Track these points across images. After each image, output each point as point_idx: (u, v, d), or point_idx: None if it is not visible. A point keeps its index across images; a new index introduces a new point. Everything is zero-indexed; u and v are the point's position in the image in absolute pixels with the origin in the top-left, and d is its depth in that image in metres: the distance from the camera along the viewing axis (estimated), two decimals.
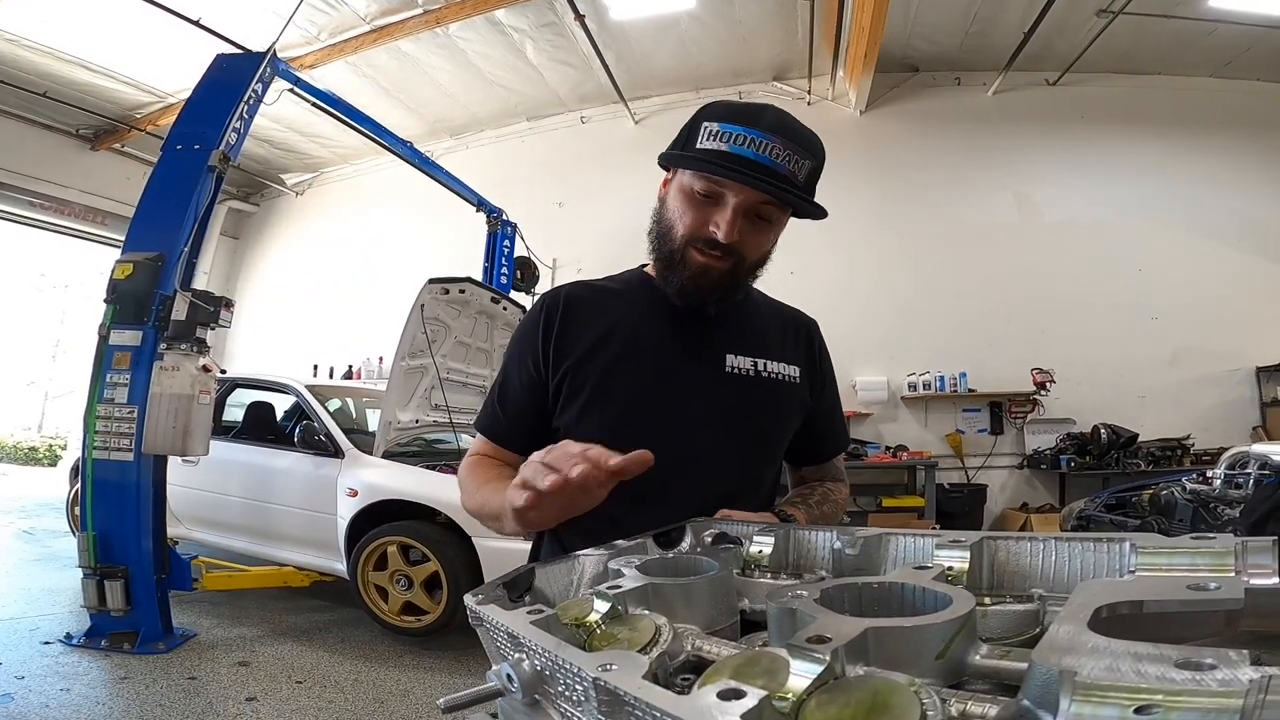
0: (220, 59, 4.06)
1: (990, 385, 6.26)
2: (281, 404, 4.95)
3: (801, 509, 1.02)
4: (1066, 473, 5.86)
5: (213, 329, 3.47)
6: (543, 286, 7.14)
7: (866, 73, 6.29)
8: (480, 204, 6.29)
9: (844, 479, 1.20)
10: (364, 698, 3.04)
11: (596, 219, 7.86)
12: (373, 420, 4.95)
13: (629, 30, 6.47)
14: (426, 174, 5.85)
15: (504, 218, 6.45)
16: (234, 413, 4.88)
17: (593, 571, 0.61)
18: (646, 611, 0.49)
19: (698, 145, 0.91)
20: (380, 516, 3.82)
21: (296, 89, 4.39)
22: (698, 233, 0.93)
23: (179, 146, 3.70)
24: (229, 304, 3.53)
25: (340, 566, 3.96)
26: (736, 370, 1.03)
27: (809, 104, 7.24)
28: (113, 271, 3.37)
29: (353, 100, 5.57)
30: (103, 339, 3.31)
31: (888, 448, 6.29)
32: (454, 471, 4.00)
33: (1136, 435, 5.67)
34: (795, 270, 6.97)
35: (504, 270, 6.41)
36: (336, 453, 4.09)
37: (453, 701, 0.47)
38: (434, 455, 4.56)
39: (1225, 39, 6.02)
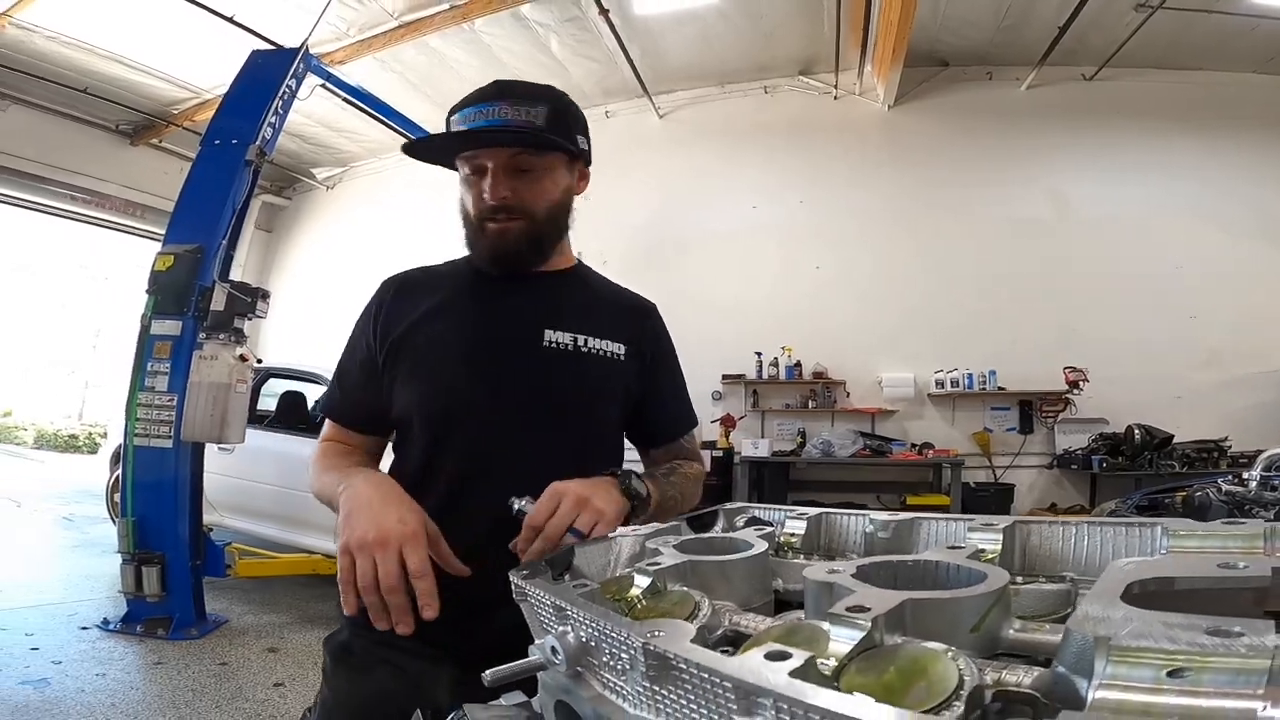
0: (255, 55, 4.14)
1: (1020, 383, 6.17)
2: (313, 394, 5.05)
3: (647, 480, 0.98)
4: (1098, 473, 5.75)
5: (250, 320, 3.56)
6: None
7: (895, 67, 6.21)
8: None
9: (697, 458, 1.21)
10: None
11: (622, 213, 7.85)
12: None
13: (653, 24, 6.47)
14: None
15: None
16: (266, 402, 4.99)
17: (629, 552, 0.64)
18: (685, 588, 0.51)
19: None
20: None
21: (328, 84, 4.48)
22: (480, 207, 1.00)
23: (217, 141, 3.80)
24: (265, 295, 3.62)
25: None
26: (555, 345, 1.02)
27: (836, 98, 7.17)
28: (154, 263, 3.47)
29: (381, 95, 5.65)
30: (144, 329, 3.41)
31: (913, 445, 6.23)
32: None
33: (1171, 436, 5.54)
34: (821, 266, 6.96)
35: None
36: None
37: (497, 675, 0.50)
38: None
39: (1268, 34, 5.83)
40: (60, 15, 7.05)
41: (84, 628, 3.54)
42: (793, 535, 0.65)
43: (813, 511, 0.67)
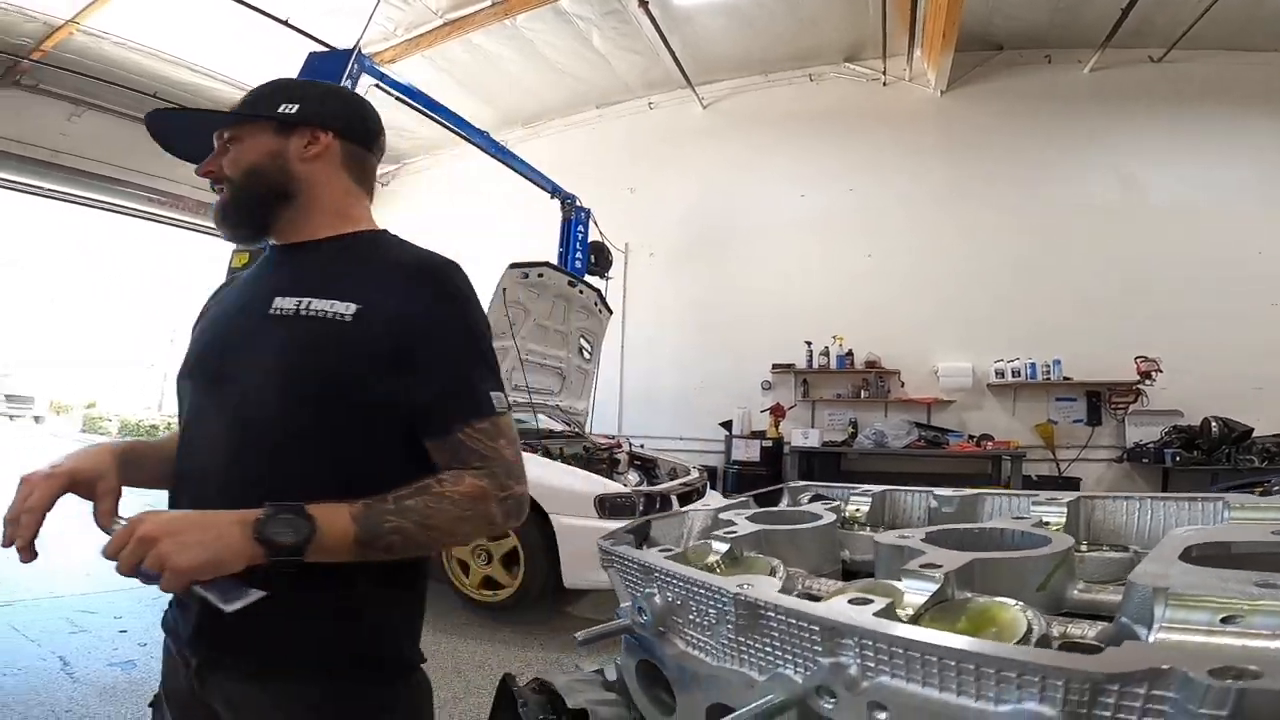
0: (312, 57, 4.27)
1: (1087, 373, 5.94)
2: None
3: (362, 504, 0.81)
4: (1171, 468, 5.49)
5: None
6: (616, 270, 7.25)
7: (946, 52, 6.04)
8: (554, 190, 6.40)
9: (482, 466, 0.88)
10: (443, 667, 3.13)
11: (667, 204, 7.89)
12: None
13: (693, 14, 6.44)
14: (503, 162, 6.00)
15: (577, 204, 6.54)
16: None
17: (701, 524, 0.68)
18: (759, 554, 0.55)
19: None
20: None
21: (381, 84, 4.58)
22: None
23: None
24: None
25: None
26: (280, 312, 0.91)
27: (885, 84, 7.01)
28: (230, 260, 3.66)
29: (430, 93, 5.78)
30: None
31: (971, 436, 6.09)
32: (534, 450, 4.16)
33: (1251, 430, 5.26)
34: (873, 254, 6.84)
35: (578, 255, 6.47)
36: None
37: (589, 635, 0.55)
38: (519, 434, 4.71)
39: None
40: (126, 21, 7.33)
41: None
42: (858, 510, 0.68)
43: (876, 488, 0.70)
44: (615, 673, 0.66)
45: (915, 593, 0.39)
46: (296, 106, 0.97)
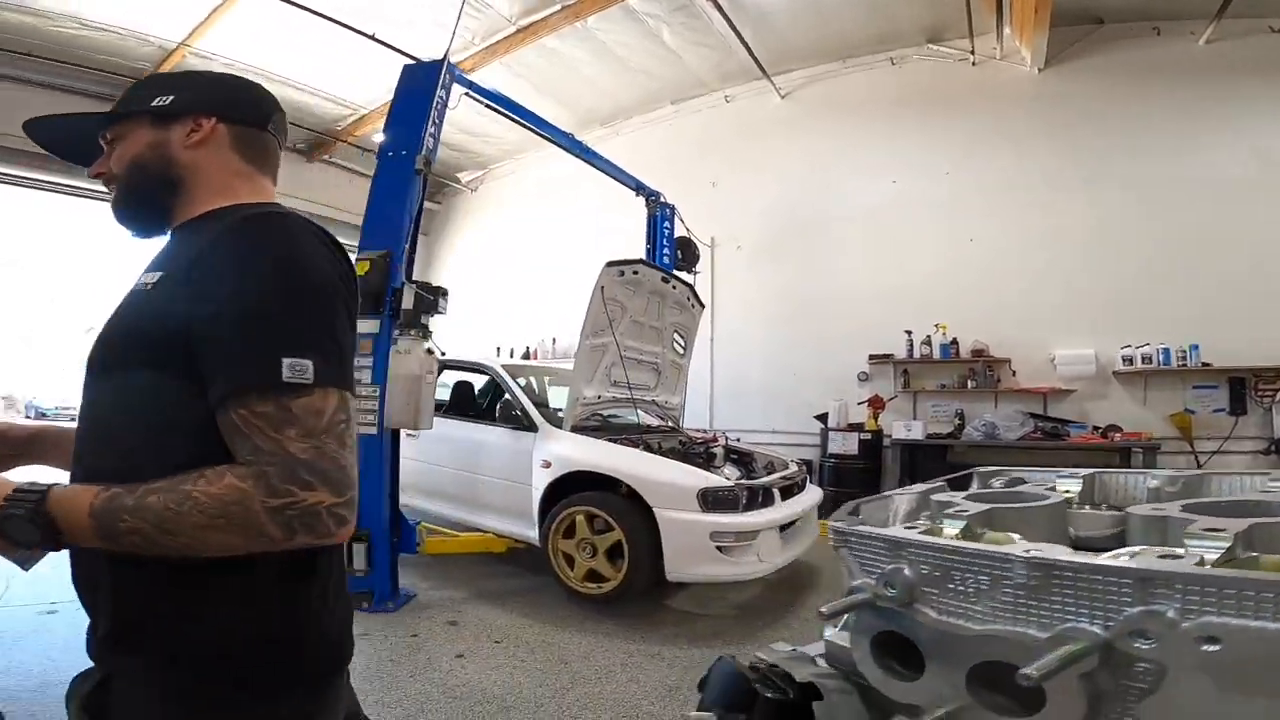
0: (407, 69, 4.37)
1: (1230, 359, 5.44)
2: (477, 382, 5.44)
3: (105, 496, 0.75)
4: None
5: (433, 316, 3.91)
6: (703, 265, 7.26)
7: (1040, 28, 5.69)
8: (638, 188, 6.45)
9: (253, 461, 0.75)
10: (551, 658, 3.18)
11: (751, 196, 7.81)
12: (554, 396, 5.28)
13: (763, 4, 6.34)
14: (588, 163, 6.07)
15: (661, 200, 6.57)
16: (440, 392, 5.41)
17: (907, 507, 0.69)
18: (994, 531, 0.56)
19: None
20: (569, 487, 4.03)
21: (471, 92, 4.74)
22: None
23: (390, 154, 4.10)
24: (445, 293, 3.97)
25: (531, 534, 4.22)
26: (136, 286, 0.89)
27: (974, 64, 6.68)
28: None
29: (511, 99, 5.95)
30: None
31: (1095, 428, 5.70)
32: (635, 445, 4.23)
33: None
34: (975, 239, 6.54)
35: (665, 251, 6.52)
36: (531, 427, 4.40)
37: (832, 609, 0.57)
38: (615, 429, 4.78)
39: None
40: (232, 43, 7.81)
41: None
42: (1068, 491, 0.67)
43: (1084, 471, 0.69)
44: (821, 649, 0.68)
45: (1207, 553, 0.40)
46: (171, 98, 0.96)
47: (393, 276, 3.85)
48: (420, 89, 4.17)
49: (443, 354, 4.87)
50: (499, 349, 8.97)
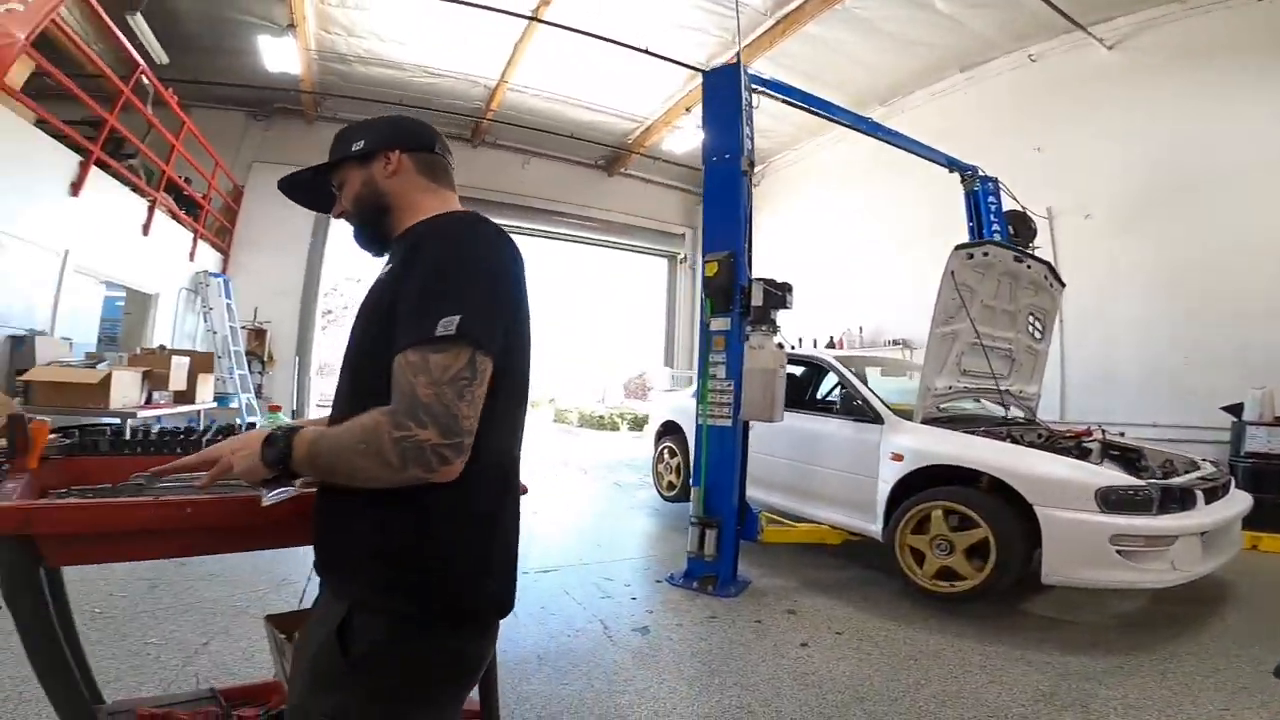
0: (709, 76, 4.48)
1: None
2: (807, 374, 5.46)
3: (303, 439, 1.01)
4: None
5: (779, 311, 3.97)
6: (1042, 239, 6.35)
7: None
8: (951, 164, 5.93)
9: (394, 399, 0.93)
10: (898, 654, 3.09)
11: (1094, 159, 6.70)
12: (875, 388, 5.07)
13: None
14: (888, 143, 5.69)
15: (980, 173, 5.94)
16: None
17: None
18: None
19: None
20: (918, 481, 3.86)
21: (766, 90, 4.70)
22: None
23: (714, 159, 4.25)
24: (790, 288, 3.99)
25: (873, 528, 4.10)
26: (371, 283, 1.13)
27: None
28: (703, 270, 4.13)
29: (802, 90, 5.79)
30: (704, 326, 4.10)
31: None
32: (995, 437, 3.84)
33: None
34: None
35: (995, 228, 5.90)
36: (876, 419, 4.28)
37: None
38: (967, 420, 4.43)
39: None
40: (535, 75, 8.84)
41: (658, 581, 4.10)
42: None
43: None
44: None
45: None
46: (364, 142, 1.20)
47: (739, 275, 3.99)
48: (724, 94, 4.27)
49: (793, 347, 4.94)
50: (799, 340, 8.91)
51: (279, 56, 7.89)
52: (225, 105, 9.23)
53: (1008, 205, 6.06)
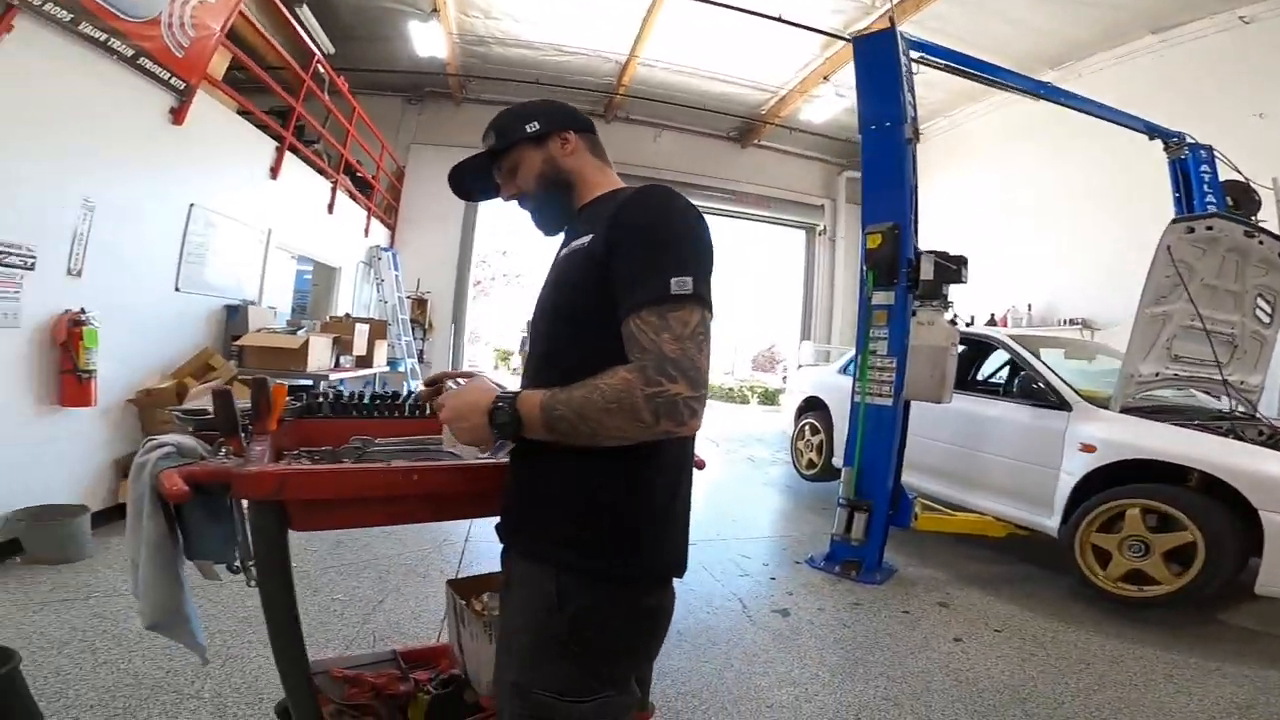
0: (859, 43, 4.18)
1: None
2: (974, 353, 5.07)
3: (530, 402, 1.00)
4: None
5: (953, 286, 3.69)
6: (1267, 213, 5.48)
7: None
8: (1151, 129, 5.31)
9: (639, 358, 0.94)
10: (1066, 657, 2.91)
11: None
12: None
13: None
14: (1076, 109, 5.10)
15: (1188, 140, 5.27)
16: None
17: None
18: None
19: None
20: (1109, 475, 3.53)
21: (925, 54, 4.27)
22: None
23: (873, 127, 4.01)
24: (965, 261, 3.70)
25: (1048, 522, 3.80)
26: (561, 255, 1.18)
27: None
28: (865, 242, 3.91)
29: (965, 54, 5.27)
30: (865, 300, 3.89)
31: None
32: (1212, 431, 3.38)
33: None
34: None
35: (1210, 200, 5.23)
36: (1063, 405, 3.91)
37: None
38: (1171, 411, 3.94)
39: None
40: (665, 49, 8.71)
41: (797, 562, 4.02)
42: None
43: None
44: None
45: None
46: (537, 124, 1.24)
47: (904, 247, 3.75)
48: (879, 60, 4.00)
49: (968, 325, 4.63)
50: (955, 317, 8.32)
51: (427, 41, 8.37)
52: (384, 91, 9.86)
53: (1225, 175, 5.31)
